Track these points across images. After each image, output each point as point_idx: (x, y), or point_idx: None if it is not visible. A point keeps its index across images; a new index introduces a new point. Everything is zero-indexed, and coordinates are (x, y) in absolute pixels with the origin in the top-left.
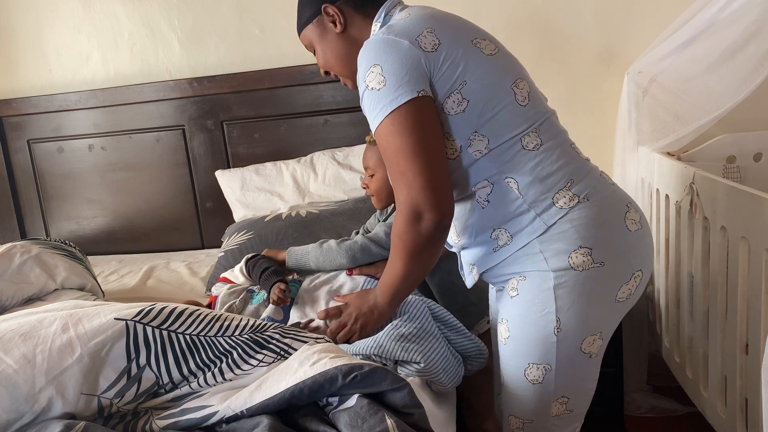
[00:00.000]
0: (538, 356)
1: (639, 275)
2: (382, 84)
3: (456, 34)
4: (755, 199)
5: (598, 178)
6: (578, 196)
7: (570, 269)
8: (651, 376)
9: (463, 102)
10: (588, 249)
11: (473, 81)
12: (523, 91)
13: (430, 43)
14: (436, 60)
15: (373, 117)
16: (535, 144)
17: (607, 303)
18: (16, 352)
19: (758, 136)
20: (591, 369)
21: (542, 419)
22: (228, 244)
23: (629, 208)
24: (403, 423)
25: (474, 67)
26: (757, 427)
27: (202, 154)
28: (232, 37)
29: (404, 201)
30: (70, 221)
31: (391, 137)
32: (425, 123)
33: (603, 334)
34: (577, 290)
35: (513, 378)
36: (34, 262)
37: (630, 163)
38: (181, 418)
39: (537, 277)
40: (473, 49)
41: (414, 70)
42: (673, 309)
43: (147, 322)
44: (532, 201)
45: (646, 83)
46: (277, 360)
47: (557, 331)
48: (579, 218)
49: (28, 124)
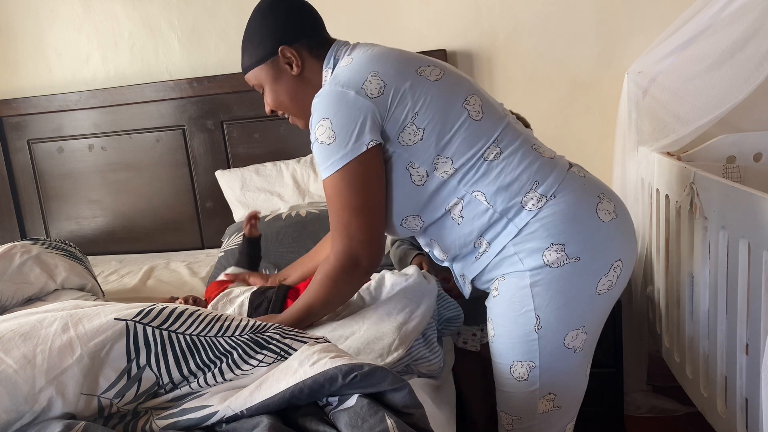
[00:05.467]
0: (521, 354)
1: (619, 265)
2: (331, 139)
3: (399, 69)
4: (755, 199)
5: (566, 174)
6: (545, 195)
7: (545, 267)
8: (651, 376)
9: (419, 131)
10: (561, 245)
11: (424, 110)
12: (475, 107)
13: (375, 88)
14: (384, 103)
15: (323, 169)
16: (496, 153)
17: (586, 297)
18: (16, 352)
19: (758, 136)
20: (577, 364)
21: (529, 416)
22: (228, 244)
23: (601, 198)
24: (403, 423)
25: (423, 96)
26: (757, 427)
27: (202, 154)
28: (232, 37)
29: (343, 250)
30: (70, 221)
31: (338, 192)
32: (371, 178)
33: (587, 328)
34: (553, 287)
35: (501, 375)
36: (34, 262)
37: (630, 163)
38: (181, 418)
39: (515, 277)
40: (419, 78)
41: (362, 123)
42: (673, 309)
43: (147, 323)
44: (502, 209)
45: (646, 83)
46: (277, 360)
47: (538, 328)
48: (548, 216)
49: (28, 124)
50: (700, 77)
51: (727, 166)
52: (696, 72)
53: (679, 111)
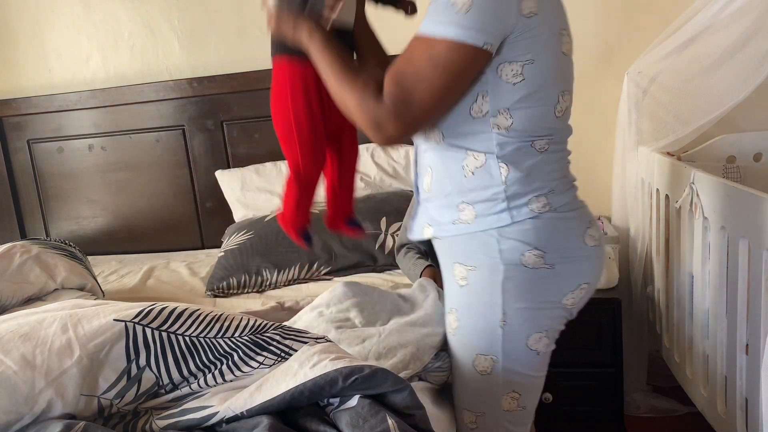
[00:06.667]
0: (485, 347)
1: (586, 287)
2: (465, 8)
3: (553, 15)
4: (755, 199)
5: (573, 197)
6: (551, 204)
7: (520, 265)
8: (651, 376)
9: (518, 77)
10: (542, 252)
11: (538, 67)
12: (562, 105)
13: (528, 7)
14: (524, 26)
15: (434, 22)
16: (540, 147)
17: (553, 304)
18: (15, 353)
19: (758, 136)
20: (539, 367)
21: (494, 412)
22: (228, 244)
23: (591, 225)
24: (405, 423)
25: (547, 56)
26: (757, 427)
27: (202, 154)
28: (232, 37)
29: (390, 111)
30: (70, 221)
31: (429, 59)
32: (465, 74)
33: (549, 334)
34: (525, 287)
35: (463, 369)
36: (34, 262)
37: (630, 163)
38: (181, 418)
39: (488, 268)
40: (556, 39)
41: (498, 21)
42: (673, 309)
43: (146, 324)
44: (511, 195)
45: (646, 83)
46: (277, 362)
47: (502, 323)
48: (542, 223)
49: (28, 124)
50: (700, 77)
51: (727, 166)
52: (696, 72)
53: (679, 111)
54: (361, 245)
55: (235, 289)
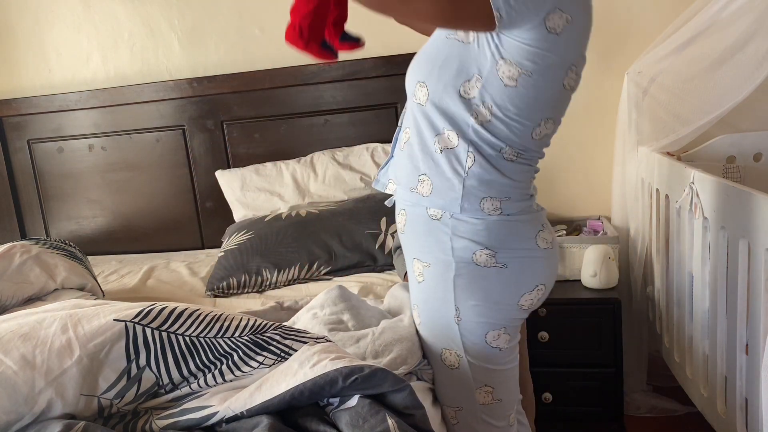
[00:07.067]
0: (446, 341)
1: (542, 288)
2: None
3: (571, 47)
4: (755, 199)
5: (528, 206)
6: (502, 210)
7: (472, 263)
8: (651, 376)
9: (512, 81)
10: (493, 252)
11: (533, 84)
12: (542, 130)
13: (554, 21)
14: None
15: None
16: (508, 156)
17: (508, 304)
18: (15, 353)
19: (758, 136)
20: (507, 361)
21: (471, 406)
22: (228, 244)
23: (544, 228)
24: (404, 423)
25: (546, 79)
26: (757, 427)
27: (202, 154)
28: (232, 37)
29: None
30: (70, 221)
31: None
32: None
33: (508, 330)
34: (476, 284)
35: (435, 364)
36: (34, 262)
37: (630, 163)
38: (181, 418)
39: (441, 264)
40: (562, 70)
41: (523, 4)
42: (672, 309)
43: (146, 324)
44: (468, 187)
45: (646, 83)
46: (277, 362)
47: (457, 319)
48: (494, 224)
49: (28, 124)
50: (700, 77)
51: (727, 166)
52: (696, 72)
53: (679, 111)
54: (361, 245)
55: (235, 289)
